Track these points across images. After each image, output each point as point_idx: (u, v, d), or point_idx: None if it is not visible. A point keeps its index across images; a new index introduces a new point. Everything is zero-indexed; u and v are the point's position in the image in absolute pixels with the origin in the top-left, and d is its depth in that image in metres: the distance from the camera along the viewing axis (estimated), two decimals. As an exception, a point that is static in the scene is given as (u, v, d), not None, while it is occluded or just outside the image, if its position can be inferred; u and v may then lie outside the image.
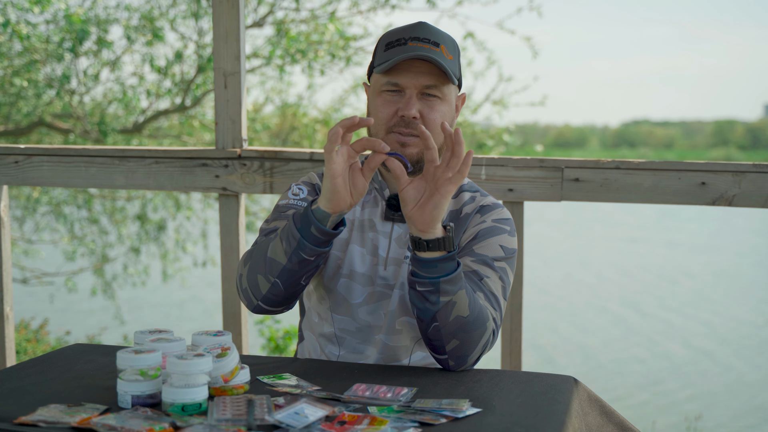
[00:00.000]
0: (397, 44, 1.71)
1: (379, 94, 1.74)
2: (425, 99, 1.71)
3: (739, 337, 10.21)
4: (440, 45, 1.71)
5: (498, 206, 1.82)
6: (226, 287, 2.69)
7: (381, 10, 6.72)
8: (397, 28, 1.76)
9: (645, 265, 14.91)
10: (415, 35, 1.71)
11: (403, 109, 1.70)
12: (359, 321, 1.79)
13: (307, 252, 1.60)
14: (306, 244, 1.59)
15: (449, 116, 1.75)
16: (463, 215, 1.80)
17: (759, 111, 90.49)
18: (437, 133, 1.71)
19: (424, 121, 1.70)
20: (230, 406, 1.39)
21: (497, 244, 1.74)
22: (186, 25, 6.80)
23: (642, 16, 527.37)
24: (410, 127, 1.70)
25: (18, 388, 1.52)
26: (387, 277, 1.78)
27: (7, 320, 2.86)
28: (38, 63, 6.39)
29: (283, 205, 1.81)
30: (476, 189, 1.86)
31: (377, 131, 1.74)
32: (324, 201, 1.58)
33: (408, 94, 1.71)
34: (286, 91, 7.53)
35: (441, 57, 1.69)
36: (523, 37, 6.74)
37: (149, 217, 7.78)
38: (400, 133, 1.71)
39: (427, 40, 1.70)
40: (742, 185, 2.37)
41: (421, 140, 1.59)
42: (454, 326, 1.59)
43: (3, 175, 2.81)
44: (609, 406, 1.63)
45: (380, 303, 1.78)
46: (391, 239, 1.79)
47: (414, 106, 1.70)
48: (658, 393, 8.05)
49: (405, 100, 1.71)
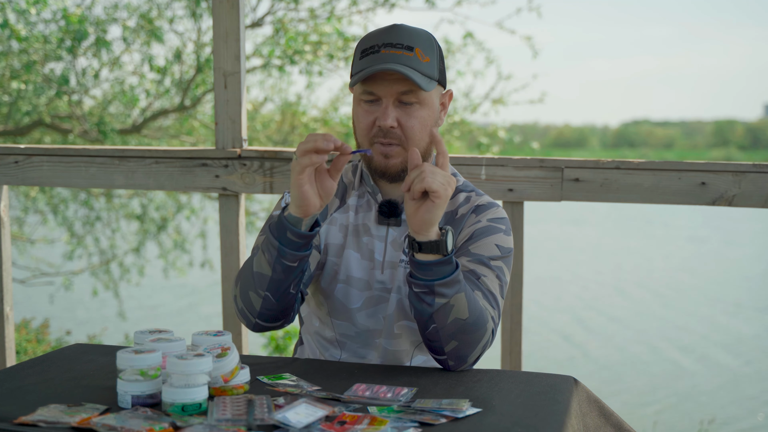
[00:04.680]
0: (371, 52, 1.68)
1: (358, 104, 1.73)
2: (403, 106, 1.69)
3: (741, 337, 10.21)
4: (414, 48, 1.67)
5: (493, 205, 1.82)
6: (226, 287, 2.69)
7: (380, 9, 6.72)
8: (372, 32, 1.73)
9: (645, 265, 14.91)
10: (389, 41, 1.68)
11: (380, 119, 1.69)
12: (358, 326, 1.79)
13: (288, 258, 1.61)
14: (285, 250, 1.60)
15: (431, 119, 1.73)
16: (459, 216, 1.80)
17: (759, 111, 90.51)
18: (418, 140, 1.70)
19: (402, 129, 1.69)
20: (230, 406, 1.39)
21: (493, 243, 1.74)
22: (185, 24, 6.81)
23: (642, 16, 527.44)
24: (389, 136, 1.69)
25: (18, 388, 1.52)
26: (384, 280, 1.78)
27: (7, 320, 2.86)
28: (37, 63, 6.38)
29: (275, 214, 1.81)
30: (471, 189, 1.85)
31: (361, 141, 1.74)
32: (293, 207, 1.59)
33: (384, 103, 1.69)
34: (286, 89, 7.53)
35: (415, 62, 1.66)
36: (523, 36, 6.74)
37: (151, 216, 7.78)
38: (382, 143, 1.70)
39: (401, 45, 1.67)
40: (742, 185, 2.37)
41: (409, 162, 1.58)
42: (452, 328, 1.60)
43: (3, 175, 2.81)
44: (608, 407, 1.64)
45: (378, 307, 1.78)
46: (387, 243, 1.79)
47: (390, 116, 1.68)
48: (658, 393, 8.05)
49: (382, 109, 1.69)
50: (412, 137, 1.70)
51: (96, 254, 7.96)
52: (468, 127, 7.27)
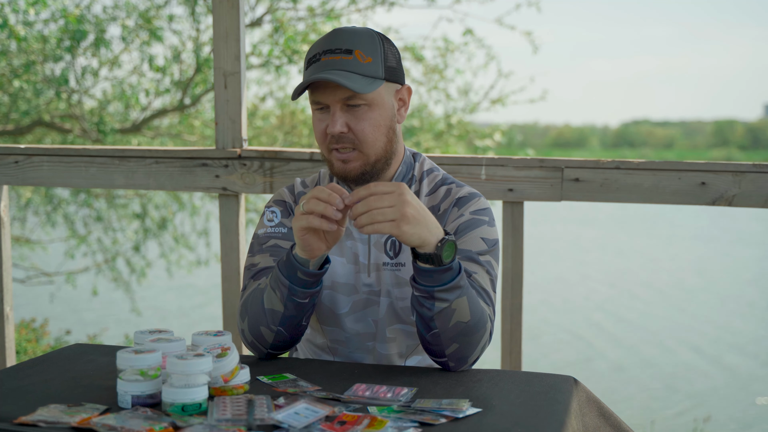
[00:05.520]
0: (313, 60, 1.68)
1: (313, 113, 1.73)
2: (351, 110, 1.68)
3: (743, 337, 10.20)
4: (354, 51, 1.66)
5: (474, 196, 1.80)
6: (226, 287, 2.69)
7: (380, 7, 6.72)
8: (317, 40, 1.73)
9: (646, 265, 14.91)
10: (328, 47, 1.67)
11: (330, 126, 1.68)
12: (348, 330, 1.79)
13: (299, 296, 1.62)
14: (296, 289, 1.61)
15: (384, 118, 1.71)
16: (441, 212, 1.79)
17: (759, 111, 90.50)
18: (370, 143, 1.69)
19: (354, 133, 1.68)
20: (230, 406, 1.39)
21: (478, 237, 1.73)
22: (183, 24, 6.80)
23: (642, 16, 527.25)
24: (341, 141, 1.69)
25: (18, 388, 1.52)
26: (371, 283, 1.77)
27: (7, 320, 2.86)
28: (36, 63, 6.38)
29: (261, 234, 1.81)
30: (451, 181, 1.84)
31: (321, 150, 1.74)
32: (300, 251, 1.59)
33: (332, 110, 1.69)
34: (284, 86, 7.53)
35: (354, 65, 1.65)
36: (523, 32, 6.74)
37: (152, 215, 7.78)
38: (337, 149, 1.70)
39: (339, 50, 1.66)
40: (742, 185, 2.37)
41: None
42: (454, 331, 1.60)
43: (3, 175, 2.81)
44: (607, 408, 1.63)
45: (367, 311, 1.78)
46: (370, 245, 1.78)
47: (338, 122, 1.67)
48: (659, 393, 8.05)
49: (330, 116, 1.69)
50: (364, 140, 1.69)
51: (98, 252, 7.96)
52: (466, 128, 7.27)
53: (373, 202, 1.50)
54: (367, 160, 1.70)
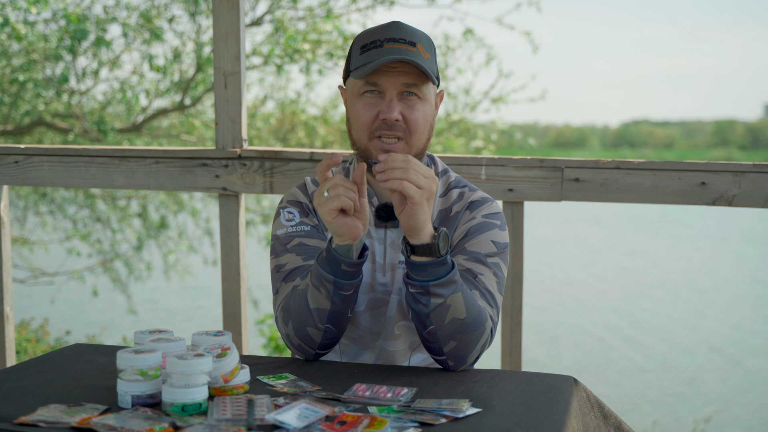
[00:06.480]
0: (372, 46, 1.68)
1: (359, 97, 1.71)
2: (405, 99, 1.69)
3: (744, 337, 10.19)
4: (416, 44, 1.68)
5: (487, 201, 1.81)
6: (226, 287, 2.69)
7: (380, 6, 6.71)
8: (371, 29, 1.74)
9: (647, 264, 14.90)
10: (391, 36, 1.68)
11: (385, 111, 1.68)
12: (361, 328, 1.79)
13: (345, 289, 1.62)
14: (342, 282, 1.61)
15: (430, 115, 1.73)
16: (453, 214, 1.80)
17: (759, 111, 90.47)
18: (419, 134, 1.70)
19: (406, 122, 1.69)
20: (230, 406, 1.39)
21: (489, 240, 1.74)
22: (183, 24, 6.80)
23: (642, 16, 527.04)
24: (393, 129, 1.69)
25: (18, 388, 1.52)
26: (386, 282, 1.78)
27: (7, 320, 2.86)
28: (37, 63, 6.38)
29: (282, 235, 1.80)
30: (464, 184, 1.85)
31: (360, 136, 1.72)
32: (337, 238, 1.59)
33: (389, 96, 1.69)
34: (285, 87, 7.53)
35: (419, 57, 1.67)
36: (522, 31, 6.74)
37: (151, 216, 7.78)
38: (381, 137, 1.69)
39: (403, 40, 1.68)
40: (742, 185, 2.37)
41: None
42: (450, 328, 1.60)
43: (3, 175, 2.81)
44: (607, 408, 1.63)
45: (380, 309, 1.78)
46: (386, 245, 1.79)
47: (395, 108, 1.68)
48: (659, 393, 8.05)
49: (386, 102, 1.69)
50: (415, 131, 1.70)
51: (100, 253, 7.96)
52: (467, 125, 7.27)
53: (413, 165, 1.53)
54: (409, 151, 1.71)
